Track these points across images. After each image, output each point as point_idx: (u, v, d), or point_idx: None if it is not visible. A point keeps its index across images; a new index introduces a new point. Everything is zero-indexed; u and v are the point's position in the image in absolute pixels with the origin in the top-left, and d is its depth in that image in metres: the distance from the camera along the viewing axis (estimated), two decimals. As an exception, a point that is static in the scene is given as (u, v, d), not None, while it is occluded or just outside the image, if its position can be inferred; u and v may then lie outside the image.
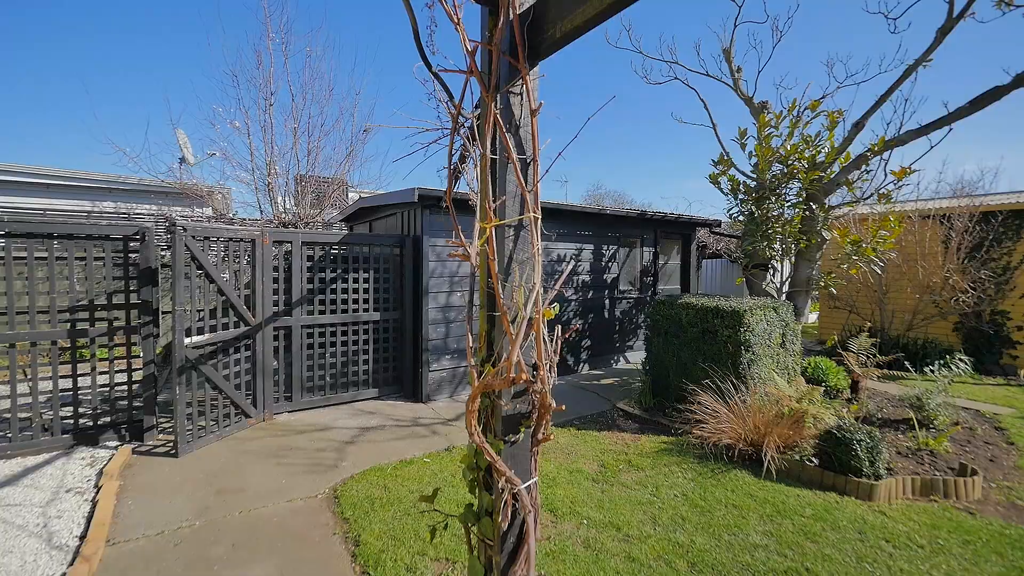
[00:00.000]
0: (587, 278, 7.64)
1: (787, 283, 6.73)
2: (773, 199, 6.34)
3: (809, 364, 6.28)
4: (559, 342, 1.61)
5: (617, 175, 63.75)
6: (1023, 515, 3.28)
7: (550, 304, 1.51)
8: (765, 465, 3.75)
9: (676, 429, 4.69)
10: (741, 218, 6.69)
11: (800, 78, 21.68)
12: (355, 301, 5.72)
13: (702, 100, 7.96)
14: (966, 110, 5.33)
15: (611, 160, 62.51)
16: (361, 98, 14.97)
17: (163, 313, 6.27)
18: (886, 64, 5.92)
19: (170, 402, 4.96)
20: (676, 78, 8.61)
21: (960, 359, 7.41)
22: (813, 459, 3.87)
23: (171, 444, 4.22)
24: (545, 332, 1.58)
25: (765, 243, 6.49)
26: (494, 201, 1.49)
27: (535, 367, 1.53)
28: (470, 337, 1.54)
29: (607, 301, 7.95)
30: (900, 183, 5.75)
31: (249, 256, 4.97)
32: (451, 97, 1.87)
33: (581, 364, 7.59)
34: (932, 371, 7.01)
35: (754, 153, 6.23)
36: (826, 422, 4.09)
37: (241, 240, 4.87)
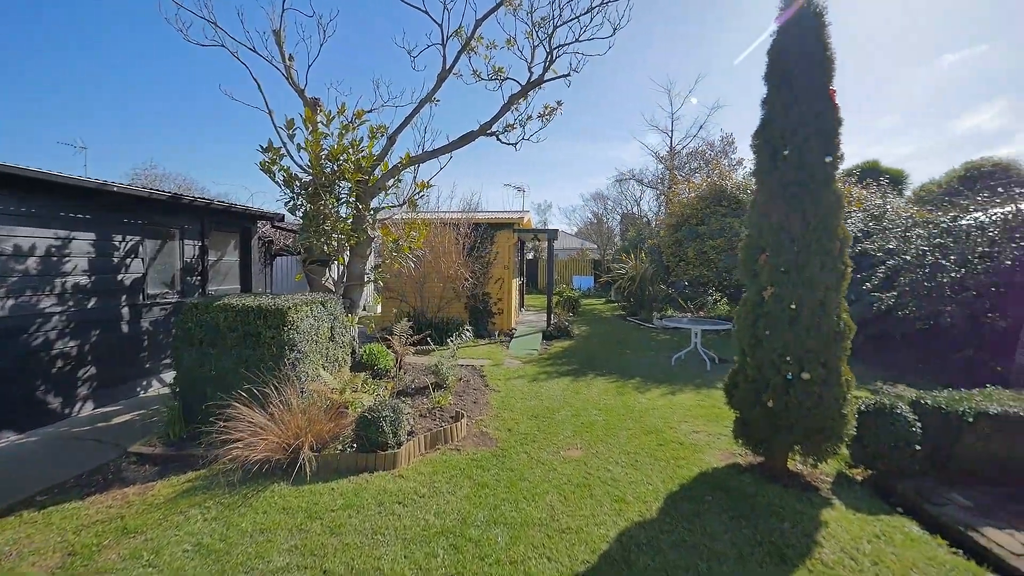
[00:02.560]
0: (85, 280, 5.39)
1: (345, 277, 7.07)
2: (327, 196, 6.42)
3: (364, 351, 6.82)
4: None
5: (177, 156, 51.61)
6: (487, 439, 4.57)
7: None
8: (298, 467, 3.58)
9: (209, 458, 3.87)
10: (299, 212, 6.45)
11: (354, 88, 23.99)
12: None
13: (256, 80, 7.11)
14: (457, 143, 7.16)
15: (167, 138, 49.86)
16: None
17: None
18: (416, 96, 7.23)
19: None
20: (223, 46, 7.35)
21: (467, 329, 10.03)
22: (354, 445, 4.05)
23: None
24: None
25: (323, 239, 6.53)
26: None
27: None
28: None
29: (126, 310, 5.92)
30: (422, 193, 7.10)
31: None
32: None
33: (80, 403, 5.30)
34: (451, 341, 9.18)
35: (303, 147, 6.09)
36: (365, 405, 4.39)
37: None
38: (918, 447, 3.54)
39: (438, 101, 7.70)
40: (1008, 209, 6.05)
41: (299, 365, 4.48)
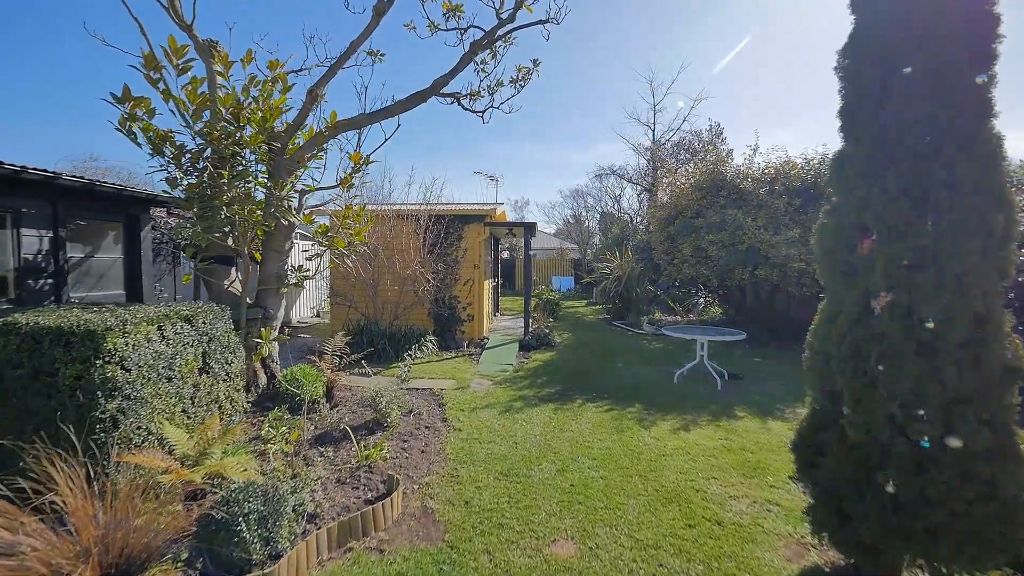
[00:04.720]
0: None
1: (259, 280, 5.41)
2: (226, 168, 4.74)
3: (287, 375, 5.18)
4: None
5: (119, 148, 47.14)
6: (430, 524, 3.02)
7: None
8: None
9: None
10: (180, 192, 4.75)
11: (284, 47, 21.48)
12: None
13: (136, 19, 5.36)
14: (402, 105, 5.57)
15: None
16: None
17: None
18: (359, 58, 5.75)
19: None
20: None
21: (430, 340, 8.44)
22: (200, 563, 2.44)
23: None
24: None
25: (229, 228, 4.87)
26: None
27: None
28: None
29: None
30: (360, 168, 5.47)
31: None
32: None
33: None
34: (409, 355, 7.57)
35: (173, 95, 4.36)
36: (235, 480, 2.78)
37: None
38: None
39: (383, 56, 6.15)
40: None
41: (127, 420, 2.83)
